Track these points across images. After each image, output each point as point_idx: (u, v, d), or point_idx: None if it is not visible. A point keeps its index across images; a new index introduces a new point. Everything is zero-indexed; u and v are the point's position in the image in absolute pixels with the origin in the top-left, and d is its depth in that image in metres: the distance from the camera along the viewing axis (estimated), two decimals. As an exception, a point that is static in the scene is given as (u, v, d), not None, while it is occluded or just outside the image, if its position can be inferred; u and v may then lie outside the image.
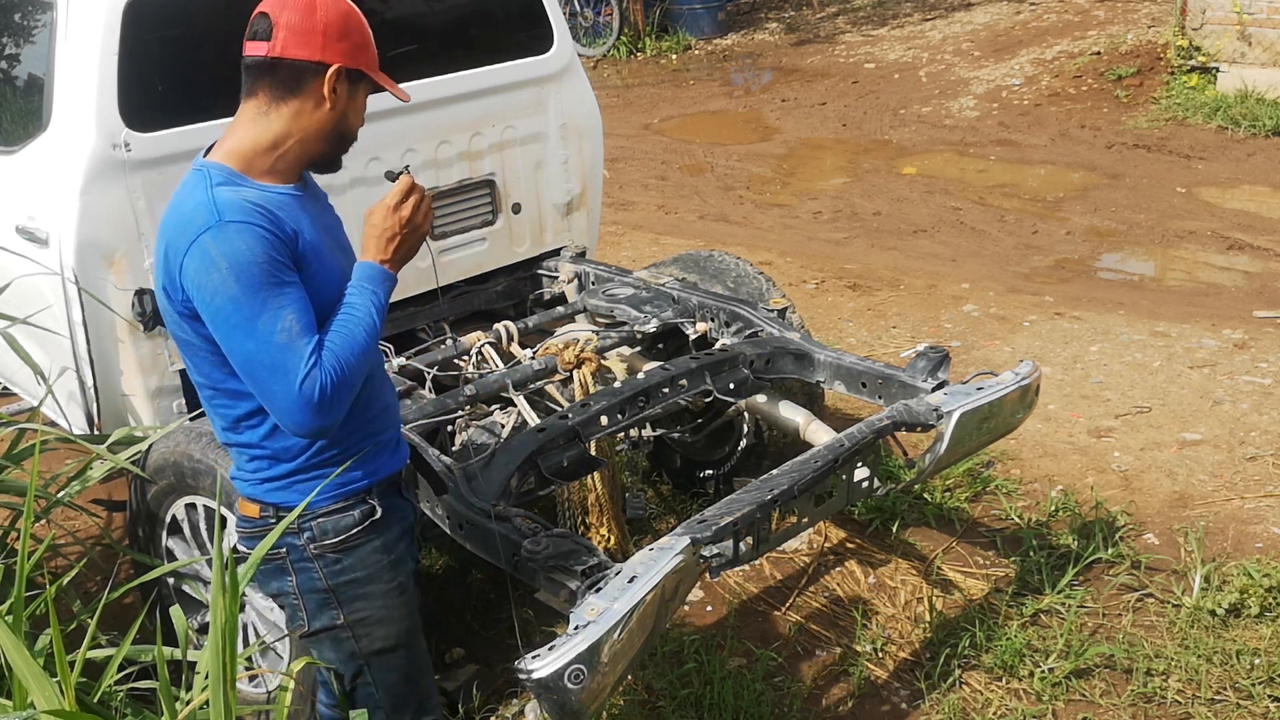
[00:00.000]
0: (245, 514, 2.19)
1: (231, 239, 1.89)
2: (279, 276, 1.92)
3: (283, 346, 1.90)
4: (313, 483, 2.11)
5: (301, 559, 2.16)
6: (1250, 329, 5.24)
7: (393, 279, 2.09)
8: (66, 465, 3.25)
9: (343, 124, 2.07)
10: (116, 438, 3.13)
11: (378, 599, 2.21)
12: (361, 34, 2.04)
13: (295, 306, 1.93)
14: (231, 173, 2.00)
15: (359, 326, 2.00)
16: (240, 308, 1.89)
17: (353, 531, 2.16)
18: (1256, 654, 3.19)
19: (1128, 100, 8.87)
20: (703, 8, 12.29)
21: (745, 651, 3.37)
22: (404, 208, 2.07)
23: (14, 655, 2.17)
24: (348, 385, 1.97)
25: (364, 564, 2.19)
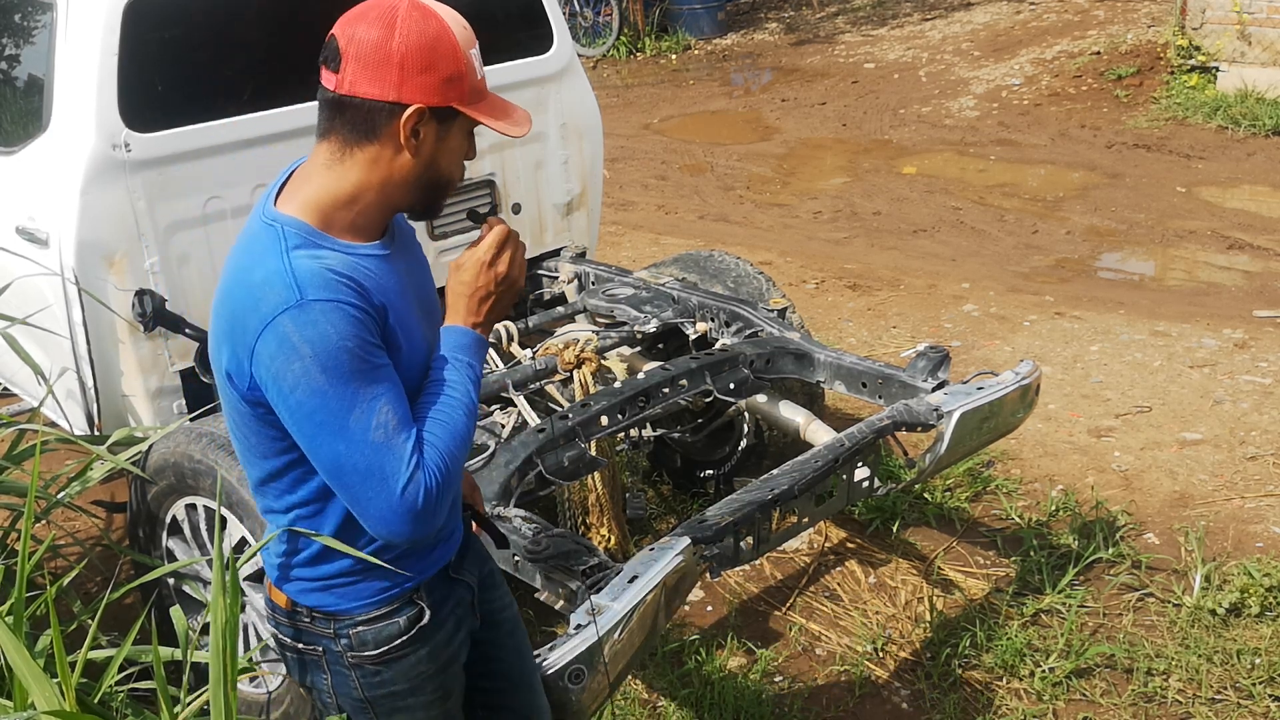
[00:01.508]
0: (275, 600, 1.88)
1: (317, 321, 1.56)
2: (371, 362, 1.60)
3: (379, 447, 1.59)
4: (359, 585, 1.81)
5: (338, 663, 1.85)
6: (1250, 328, 5.24)
7: (486, 345, 1.78)
8: (67, 466, 3.25)
9: (433, 171, 1.70)
10: (117, 438, 3.13)
11: (419, 711, 1.91)
12: (453, 63, 1.64)
13: (389, 396, 1.61)
14: (310, 231, 1.65)
15: (459, 410, 1.69)
16: (328, 402, 1.58)
17: (395, 643, 1.83)
18: (1257, 653, 3.19)
19: (1128, 100, 8.87)
20: (702, 8, 12.29)
21: (746, 651, 3.37)
22: (499, 263, 1.74)
23: (14, 656, 2.17)
24: (451, 483, 1.66)
25: (406, 676, 1.87)
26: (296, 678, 1.94)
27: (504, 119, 1.70)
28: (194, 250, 3.23)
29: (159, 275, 3.16)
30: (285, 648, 1.90)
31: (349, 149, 1.66)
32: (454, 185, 1.76)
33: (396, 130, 1.63)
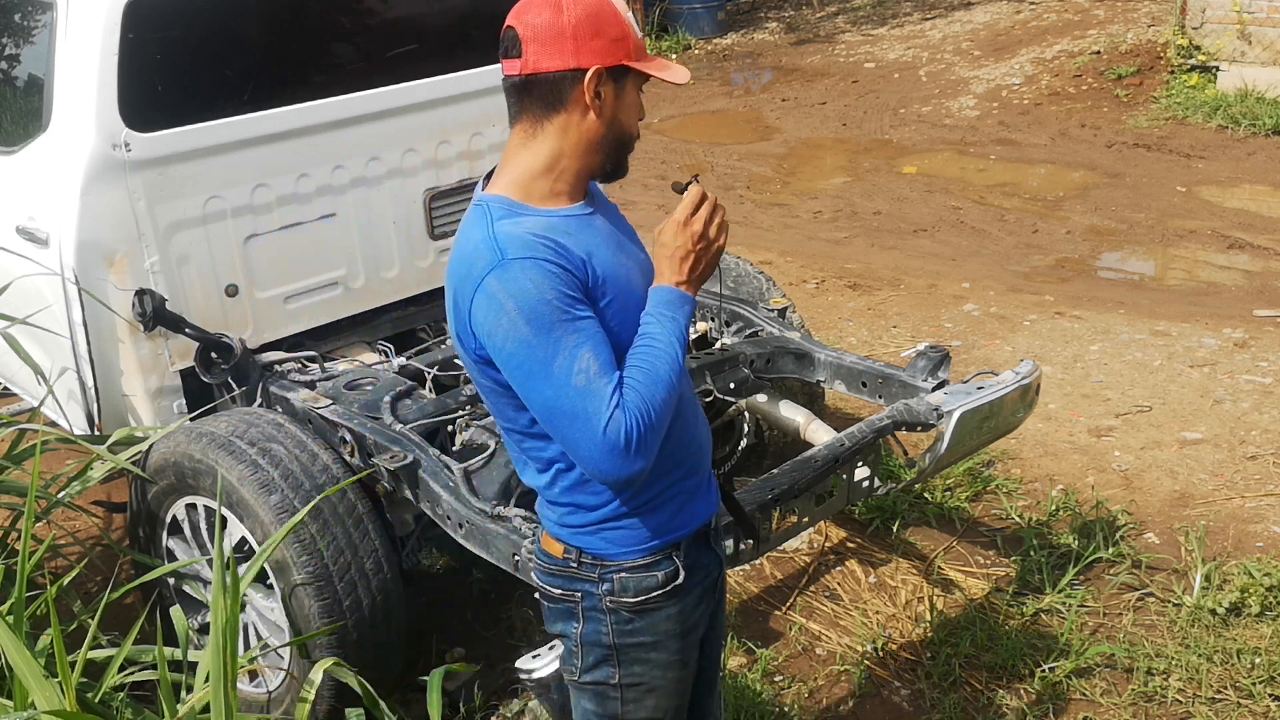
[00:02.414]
0: (547, 549, 1.99)
1: (517, 278, 1.72)
2: (571, 312, 1.73)
3: (582, 390, 1.72)
4: (622, 531, 1.92)
5: (595, 609, 1.97)
6: (1250, 328, 5.24)
7: (692, 302, 1.87)
8: (67, 466, 3.25)
9: (616, 128, 1.89)
10: (117, 438, 3.14)
11: (658, 668, 2.00)
12: (616, 25, 1.83)
13: (591, 343, 1.74)
14: (511, 204, 1.82)
15: (661, 360, 1.79)
16: (534, 351, 1.72)
17: (653, 594, 1.95)
18: (1257, 653, 3.19)
19: (1128, 99, 8.88)
20: (702, 7, 12.29)
21: (746, 651, 3.37)
22: (695, 222, 1.86)
23: (15, 656, 2.17)
24: (655, 427, 1.76)
25: (654, 630, 1.97)
26: (549, 626, 2.06)
27: (667, 71, 1.90)
28: (194, 250, 3.23)
29: (159, 275, 3.16)
30: (547, 596, 2.02)
31: (540, 123, 1.83)
32: (634, 139, 1.95)
33: (581, 94, 1.81)
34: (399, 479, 2.84)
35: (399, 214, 3.62)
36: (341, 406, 3.07)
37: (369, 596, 2.84)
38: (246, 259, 3.33)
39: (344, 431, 2.99)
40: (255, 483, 2.82)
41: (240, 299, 3.34)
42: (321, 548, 2.79)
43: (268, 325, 3.42)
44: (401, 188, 3.61)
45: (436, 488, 2.75)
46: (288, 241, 3.40)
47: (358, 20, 3.64)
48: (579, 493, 1.91)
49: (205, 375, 3.27)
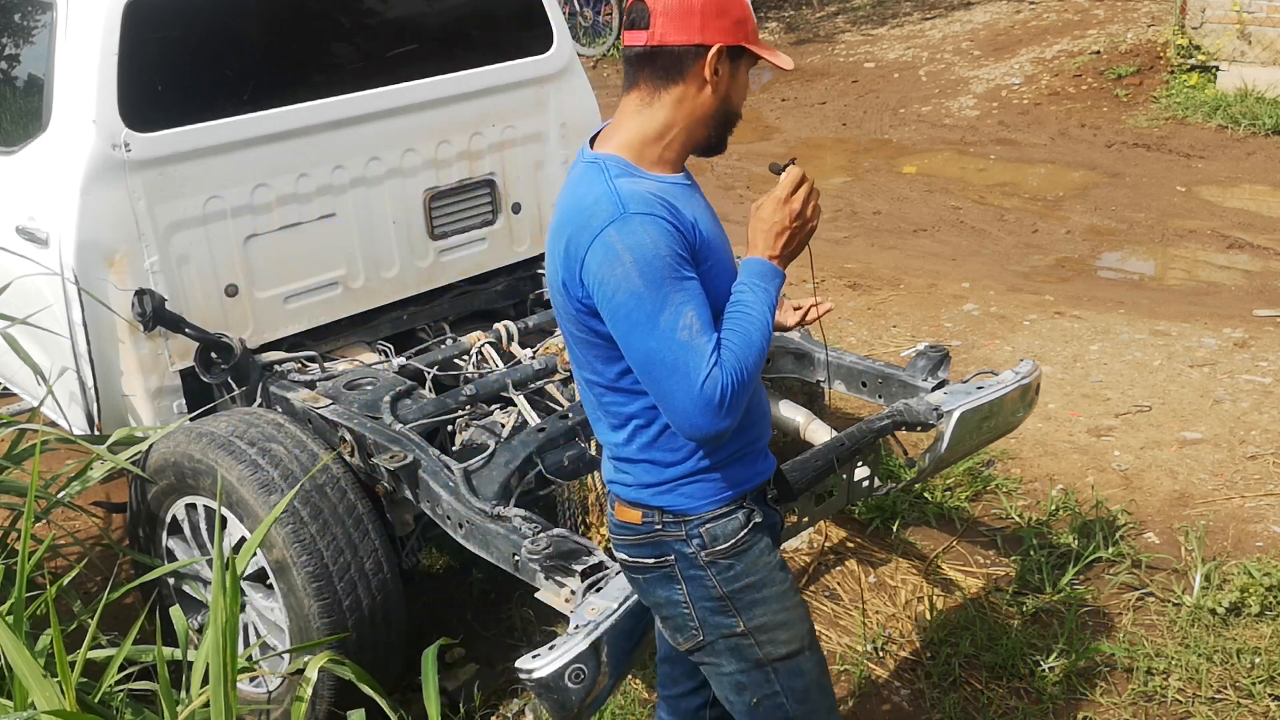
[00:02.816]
0: (625, 520, 2.06)
1: (636, 231, 1.82)
2: (681, 271, 1.84)
3: (684, 345, 1.81)
4: (699, 485, 2.01)
5: (692, 566, 2.03)
6: (1250, 328, 5.24)
7: (782, 276, 1.98)
8: (67, 466, 3.25)
9: (726, 104, 1.97)
10: (117, 438, 3.14)
11: (774, 602, 2.07)
12: (740, 7, 1.93)
13: (695, 303, 1.84)
14: (626, 164, 1.92)
15: (754, 326, 1.89)
16: (643, 303, 1.81)
17: (741, 535, 2.03)
18: (1257, 653, 3.19)
19: (1127, 99, 8.87)
20: (702, 7, 12.27)
21: (746, 651, 3.37)
22: (794, 201, 1.97)
23: (15, 656, 2.17)
24: (745, 387, 1.86)
25: (756, 567, 2.05)
26: (649, 598, 2.11)
27: (777, 56, 1.98)
28: (194, 250, 3.23)
29: (159, 275, 3.16)
30: (637, 569, 2.08)
31: (657, 92, 1.93)
32: (738, 118, 2.01)
33: (701, 69, 1.91)
34: (399, 479, 2.84)
35: (399, 214, 3.62)
36: (341, 406, 3.07)
37: (369, 596, 2.84)
38: (246, 259, 3.33)
39: (344, 431, 2.99)
40: (255, 483, 2.82)
41: (240, 299, 3.34)
42: (321, 548, 2.79)
43: (268, 325, 3.42)
44: (401, 188, 3.61)
45: (436, 488, 2.75)
46: (288, 241, 3.40)
47: (358, 20, 3.64)
48: (655, 449, 1.99)
49: (205, 375, 3.27)
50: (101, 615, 2.53)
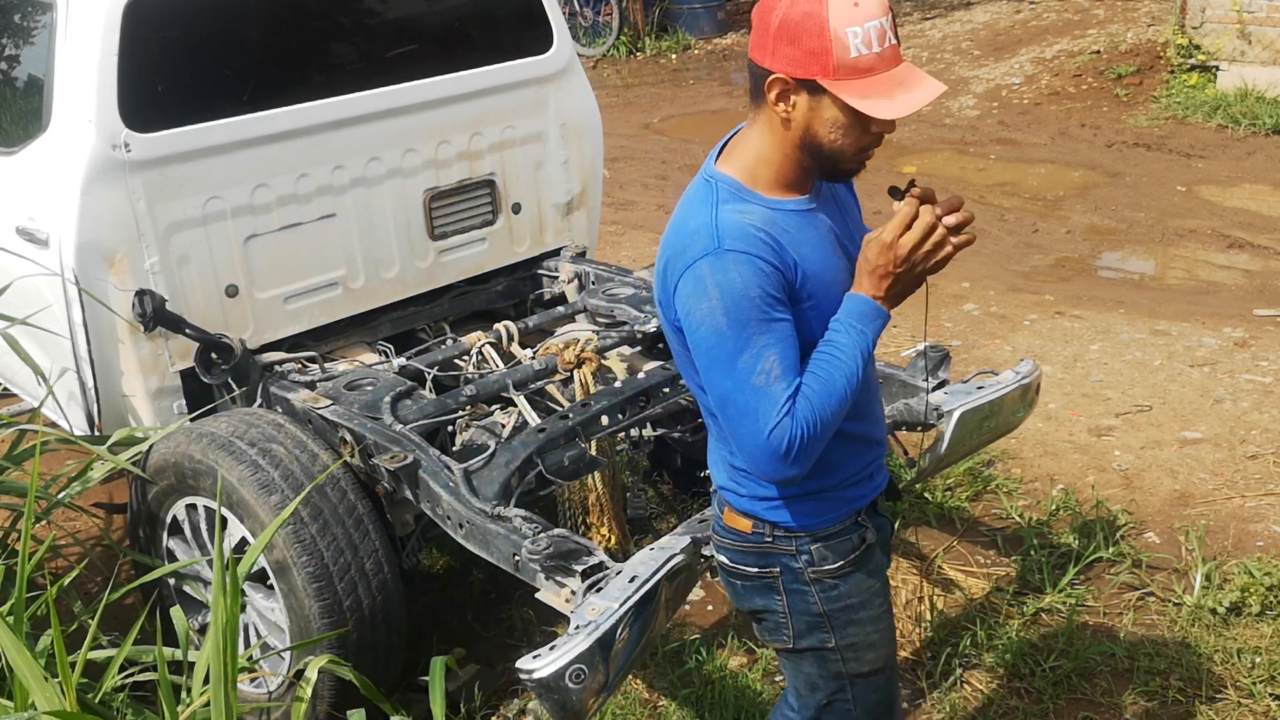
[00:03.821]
0: (734, 526, 2.04)
1: (728, 269, 1.76)
2: (769, 314, 1.77)
3: (758, 390, 1.76)
4: (814, 504, 1.98)
5: (797, 581, 2.02)
6: (1251, 327, 5.24)
7: (885, 316, 1.87)
8: (67, 466, 3.25)
9: (809, 139, 1.81)
10: (117, 439, 3.14)
11: (869, 624, 2.08)
12: (818, 38, 1.71)
13: (779, 347, 1.78)
14: (739, 188, 1.85)
15: (840, 372, 1.81)
16: (724, 342, 1.77)
17: (850, 557, 2.02)
18: (1257, 652, 3.19)
19: (1128, 99, 8.87)
20: (702, 7, 12.28)
21: (746, 651, 3.37)
22: (900, 245, 1.81)
23: (15, 656, 2.17)
24: (819, 438, 1.80)
25: (858, 590, 2.05)
26: (745, 604, 2.10)
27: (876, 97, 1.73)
28: (194, 250, 3.23)
29: (159, 275, 3.16)
30: (739, 575, 2.07)
31: (755, 111, 1.85)
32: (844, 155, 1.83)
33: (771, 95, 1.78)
34: (399, 479, 2.84)
35: (399, 214, 3.62)
36: (341, 407, 3.07)
37: (369, 597, 2.84)
38: (246, 259, 3.33)
39: (344, 432, 2.99)
40: (255, 483, 2.83)
41: (240, 299, 3.34)
42: (322, 548, 2.79)
43: (268, 325, 3.42)
44: (401, 188, 3.61)
45: (436, 488, 2.75)
46: (288, 242, 3.40)
47: (358, 20, 3.64)
48: None
49: (205, 376, 3.27)
50: (102, 616, 2.53)
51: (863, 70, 1.73)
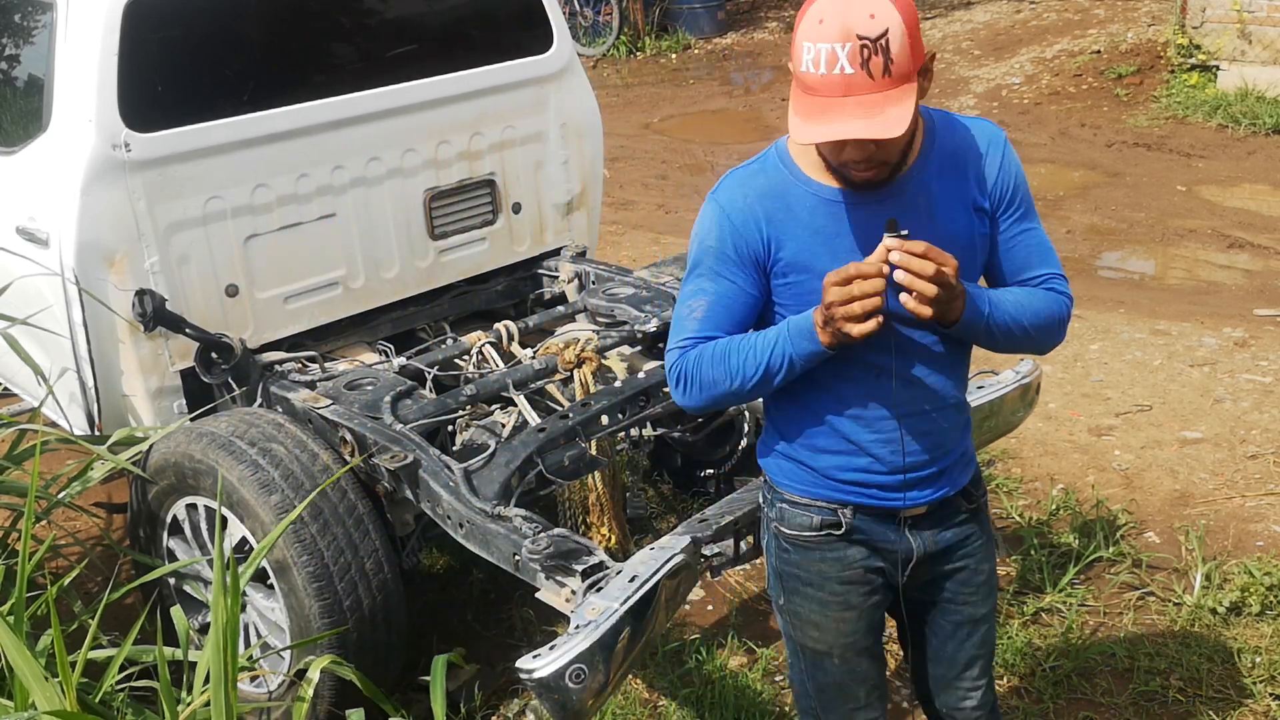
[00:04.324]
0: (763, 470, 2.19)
1: (706, 213, 1.97)
2: (716, 268, 1.93)
3: (680, 318, 1.98)
4: (789, 465, 2.08)
5: (770, 530, 2.16)
6: (1251, 327, 5.24)
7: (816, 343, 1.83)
8: (67, 466, 3.25)
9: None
10: (117, 438, 3.13)
11: (815, 604, 2.11)
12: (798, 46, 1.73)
13: (711, 299, 1.94)
14: (784, 156, 1.96)
15: (741, 352, 1.90)
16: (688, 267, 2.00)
17: (805, 534, 2.07)
18: (1258, 652, 3.19)
19: (1128, 99, 8.87)
20: (702, 7, 12.28)
21: (746, 650, 3.37)
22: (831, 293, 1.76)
23: (15, 656, 2.17)
24: (697, 387, 1.96)
25: (810, 567, 2.09)
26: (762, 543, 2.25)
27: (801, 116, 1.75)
28: (194, 250, 3.23)
29: (159, 275, 3.16)
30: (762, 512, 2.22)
31: None
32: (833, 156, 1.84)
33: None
34: (399, 479, 2.84)
35: (399, 214, 3.62)
36: (342, 406, 3.07)
37: (369, 596, 2.84)
38: (246, 259, 3.33)
39: (344, 431, 2.99)
40: (255, 483, 2.82)
41: (240, 299, 3.34)
42: (322, 548, 2.79)
43: (268, 325, 3.42)
44: (401, 188, 3.61)
45: (437, 488, 2.75)
46: (288, 241, 3.40)
47: (358, 20, 3.64)
48: (772, 411, 2.10)
49: (205, 375, 3.27)
50: (102, 615, 2.53)
51: (807, 87, 1.74)
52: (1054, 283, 2.02)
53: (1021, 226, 1.99)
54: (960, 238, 1.91)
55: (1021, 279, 2.01)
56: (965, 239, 1.92)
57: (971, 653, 2.21)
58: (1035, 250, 2.02)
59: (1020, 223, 1.99)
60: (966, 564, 2.14)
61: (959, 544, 2.12)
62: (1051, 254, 2.04)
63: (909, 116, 1.71)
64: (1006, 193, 1.95)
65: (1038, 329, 1.99)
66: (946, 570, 2.13)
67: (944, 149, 1.92)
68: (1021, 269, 2.01)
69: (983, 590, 2.17)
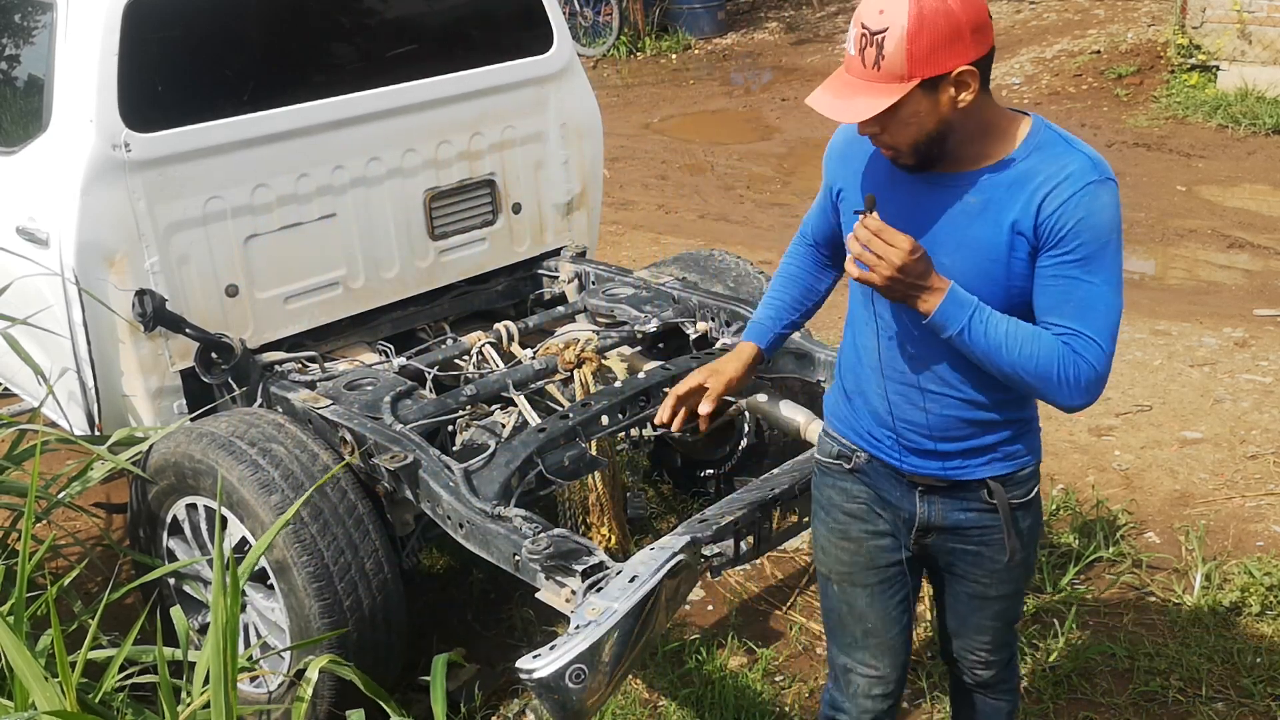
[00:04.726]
0: None
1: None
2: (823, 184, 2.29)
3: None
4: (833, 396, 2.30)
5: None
6: (1251, 327, 5.24)
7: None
8: (67, 466, 3.25)
9: None
10: (117, 438, 3.13)
11: (822, 526, 2.32)
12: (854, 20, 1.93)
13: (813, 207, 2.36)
14: None
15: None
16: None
17: (825, 459, 2.29)
18: (1257, 653, 3.19)
19: (1128, 99, 8.88)
20: (702, 7, 12.28)
21: (746, 651, 3.37)
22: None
23: (15, 656, 2.17)
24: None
25: (824, 492, 2.31)
26: None
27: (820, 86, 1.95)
28: (194, 250, 3.23)
29: (159, 275, 3.16)
30: None
31: None
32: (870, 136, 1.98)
33: None
34: (399, 479, 2.84)
35: (399, 214, 3.62)
36: (342, 406, 3.07)
37: (369, 596, 2.84)
38: (246, 259, 3.33)
39: (344, 431, 2.99)
40: (255, 483, 2.82)
41: (240, 299, 3.34)
42: (322, 548, 2.79)
43: (268, 325, 3.42)
44: (401, 188, 3.61)
45: (437, 488, 2.75)
46: (288, 241, 3.40)
47: (358, 20, 3.64)
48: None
49: (205, 375, 3.27)
50: (102, 615, 2.53)
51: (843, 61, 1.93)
52: (1074, 340, 1.92)
53: (1065, 272, 1.91)
54: (988, 249, 1.94)
55: (1044, 321, 1.95)
56: (992, 253, 1.94)
57: (982, 622, 2.30)
58: (1070, 301, 1.92)
59: (1065, 267, 1.91)
60: (981, 550, 2.18)
61: (976, 530, 2.15)
62: (1092, 315, 1.92)
63: (873, 111, 1.83)
64: (1059, 232, 1.89)
65: (1027, 371, 1.91)
66: (960, 549, 2.19)
67: (1025, 165, 1.93)
68: (1047, 311, 1.94)
69: (998, 576, 2.21)
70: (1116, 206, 1.92)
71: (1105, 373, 1.95)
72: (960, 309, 1.90)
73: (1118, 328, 1.95)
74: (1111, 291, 1.93)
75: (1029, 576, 2.33)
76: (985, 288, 1.94)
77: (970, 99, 1.87)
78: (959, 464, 2.10)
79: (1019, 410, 2.09)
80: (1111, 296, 1.93)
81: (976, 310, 1.91)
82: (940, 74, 1.83)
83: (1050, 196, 1.89)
